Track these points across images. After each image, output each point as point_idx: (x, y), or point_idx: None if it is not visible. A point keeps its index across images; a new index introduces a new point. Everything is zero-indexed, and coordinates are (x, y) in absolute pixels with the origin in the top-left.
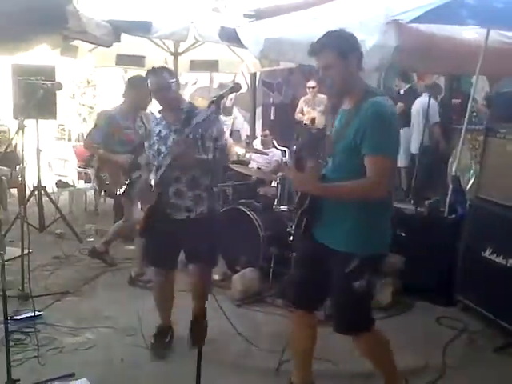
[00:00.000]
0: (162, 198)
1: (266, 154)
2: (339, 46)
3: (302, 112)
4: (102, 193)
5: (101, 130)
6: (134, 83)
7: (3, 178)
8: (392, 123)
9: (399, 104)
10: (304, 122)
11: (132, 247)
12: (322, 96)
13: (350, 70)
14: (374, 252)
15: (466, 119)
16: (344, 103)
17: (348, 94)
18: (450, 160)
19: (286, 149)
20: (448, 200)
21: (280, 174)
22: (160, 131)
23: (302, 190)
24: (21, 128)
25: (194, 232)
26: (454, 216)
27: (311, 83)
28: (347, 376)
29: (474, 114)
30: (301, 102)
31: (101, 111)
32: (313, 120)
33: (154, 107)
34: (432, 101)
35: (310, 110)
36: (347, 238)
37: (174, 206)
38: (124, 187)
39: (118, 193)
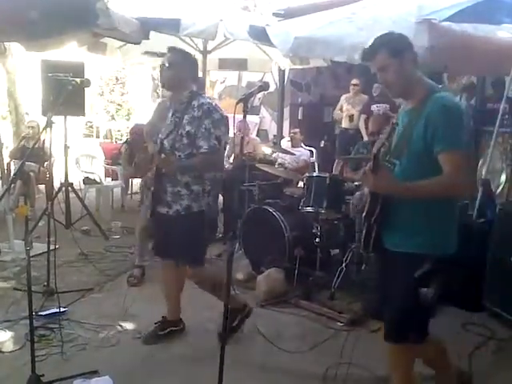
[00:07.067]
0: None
1: (293, 153)
2: (392, 46)
3: (341, 109)
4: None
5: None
6: None
7: (31, 173)
8: (461, 117)
9: None
10: (342, 125)
11: None
12: (364, 96)
13: (407, 68)
14: (445, 252)
15: (497, 122)
16: (405, 103)
17: (410, 93)
18: (480, 163)
19: (313, 149)
20: (477, 204)
21: (307, 174)
22: (166, 118)
23: (384, 192)
24: (49, 124)
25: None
26: (482, 220)
27: (354, 80)
28: None
29: (506, 116)
30: (342, 100)
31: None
32: (351, 117)
33: None
34: (463, 101)
35: (350, 107)
36: (419, 238)
37: (159, 198)
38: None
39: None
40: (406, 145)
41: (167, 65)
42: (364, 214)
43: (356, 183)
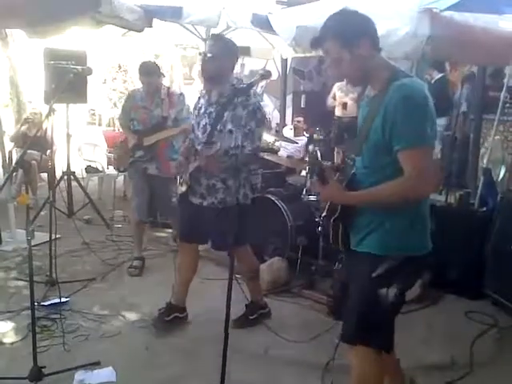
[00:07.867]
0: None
1: (296, 142)
2: (342, 34)
3: (334, 97)
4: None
5: (122, 107)
6: (141, 70)
7: (33, 162)
8: (424, 106)
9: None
10: (335, 113)
11: (160, 234)
12: None
13: (364, 54)
14: (412, 252)
15: (498, 110)
16: (368, 90)
17: (370, 80)
18: (482, 151)
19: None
20: (479, 192)
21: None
22: (200, 107)
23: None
24: (51, 112)
25: (204, 219)
26: (484, 209)
27: None
28: None
29: (507, 104)
30: (334, 87)
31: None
32: (344, 105)
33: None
34: (464, 90)
35: (343, 95)
36: (379, 237)
37: (192, 189)
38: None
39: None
40: (364, 139)
41: (210, 55)
42: (324, 214)
43: None
